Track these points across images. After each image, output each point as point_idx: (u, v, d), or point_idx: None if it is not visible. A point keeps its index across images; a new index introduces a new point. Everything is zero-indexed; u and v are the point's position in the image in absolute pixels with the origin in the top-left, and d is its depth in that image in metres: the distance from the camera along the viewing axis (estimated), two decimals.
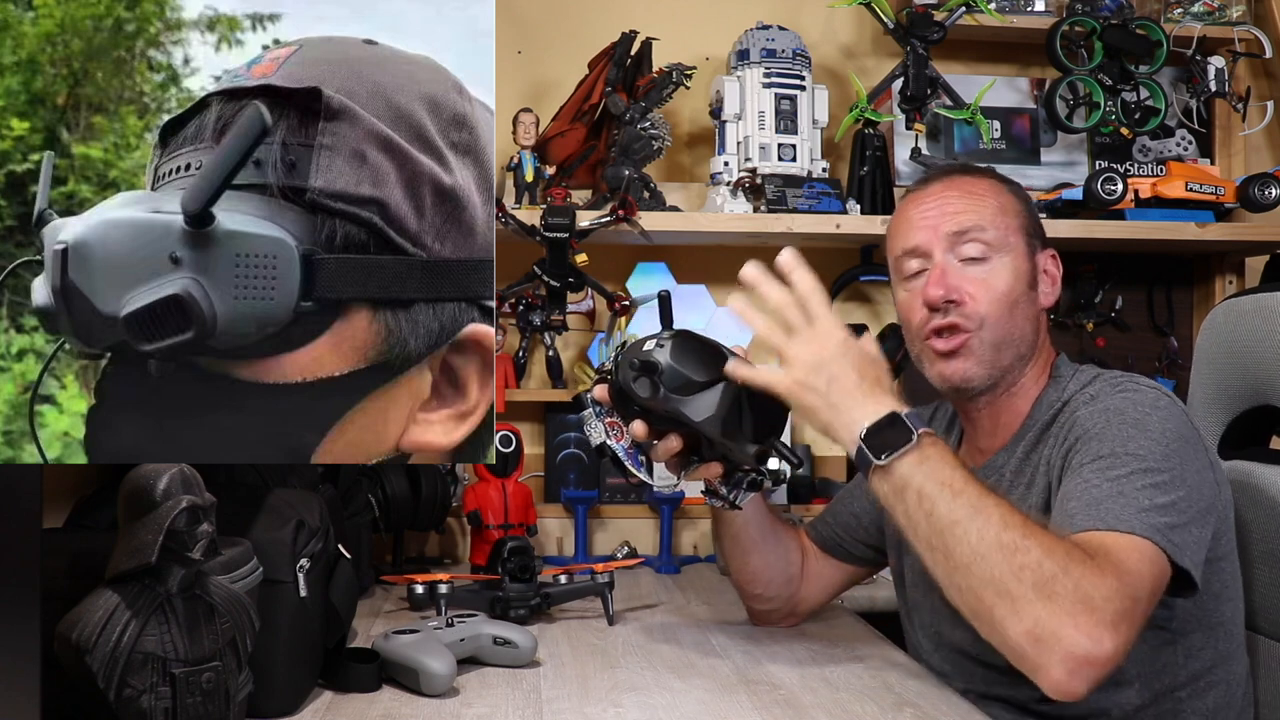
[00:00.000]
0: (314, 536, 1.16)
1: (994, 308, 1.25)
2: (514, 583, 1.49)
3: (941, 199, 1.29)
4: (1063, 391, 1.27)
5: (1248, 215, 2.09)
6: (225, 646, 0.95)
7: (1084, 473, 1.11)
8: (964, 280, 1.26)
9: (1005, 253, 1.27)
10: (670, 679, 1.24)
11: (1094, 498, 1.07)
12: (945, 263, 1.27)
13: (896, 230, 1.33)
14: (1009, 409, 1.30)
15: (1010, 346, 1.26)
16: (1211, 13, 2.10)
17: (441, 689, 1.16)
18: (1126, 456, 1.10)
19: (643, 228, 1.88)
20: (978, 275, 1.26)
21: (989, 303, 1.25)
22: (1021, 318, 1.27)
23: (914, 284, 1.30)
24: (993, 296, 1.25)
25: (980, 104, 2.01)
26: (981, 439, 1.33)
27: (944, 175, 1.34)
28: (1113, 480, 1.08)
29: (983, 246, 1.26)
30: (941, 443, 1.06)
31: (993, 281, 1.25)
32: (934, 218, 1.28)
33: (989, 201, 1.28)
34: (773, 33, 1.99)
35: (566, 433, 2.09)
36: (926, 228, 1.28)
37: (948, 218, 1.27)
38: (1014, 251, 1.27)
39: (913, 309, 1.29)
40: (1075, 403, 1.23)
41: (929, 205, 1.30)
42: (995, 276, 1.26)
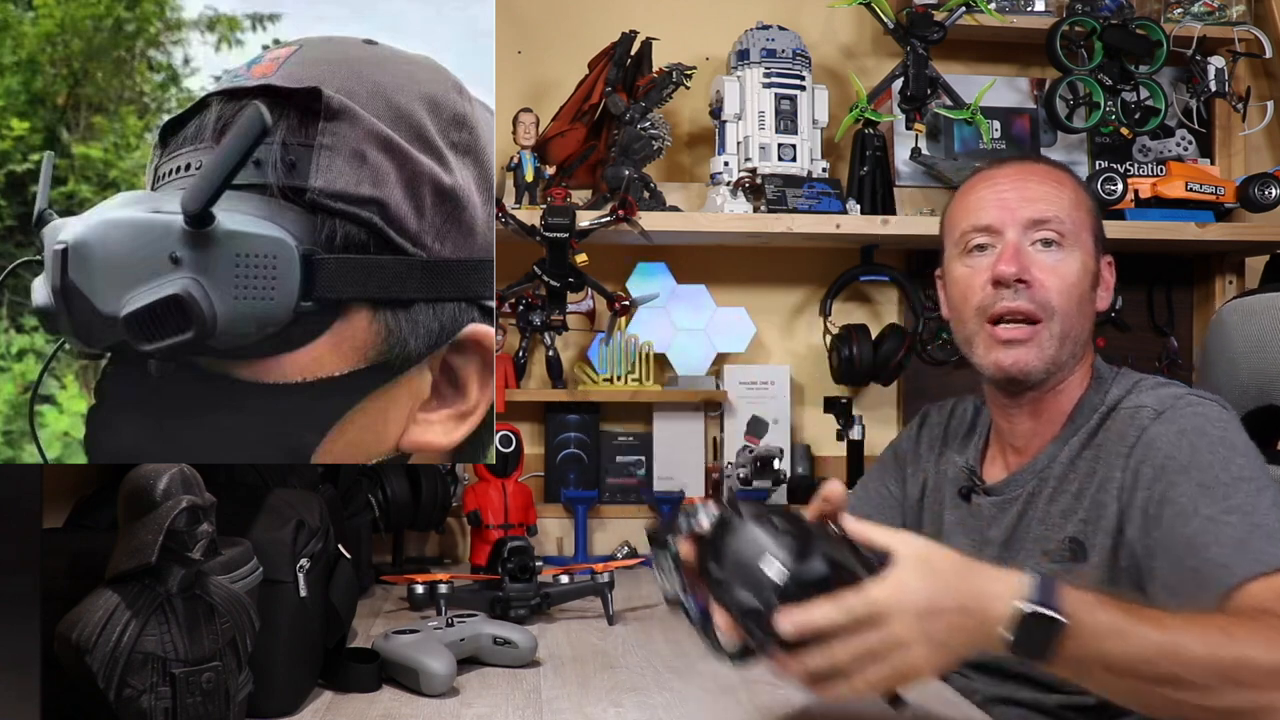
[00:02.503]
0: (314, 536, 1.16)
1: (1064, 298, 1.20)
2: (514, 583, 1.49)
3: (1020, 182, 1.24)
4: (1105, 395, 1.23)
5: (1248, 215, 2.09)
6: (225, 646, 0.95)
7: (1201, 508, 1.06)
8: (1035, 264, 1.20)
9: (1076, 247, 1.22)
10: (670, 679, 1.24)
11: (1234, 537, 1.03)
12: (1019, 243, 1.21)
13: (965, 206, 1.27)
14: (1052, 407, 1.25)
15: (1070, 342, 1.22)
16: (1211, 13, 2.10)
17: (441, 689, 1.17)
18: (1237, 482, 1.07)
19: (643, 228, 1.88)
20: (1049, 262, 1.21)
21: (1060, 292, 1.20)
22: (1084, 316, 1.23)
23: (978, 260, 1.24)
24: (1064, 285, 1.20)
25: (980, 104, 2.01)
26: (1018, 438, 1.28)
27: (1021, 159, 1.29)
28: (1239, 513, 1.05)
29: (1058, 235, 1.21)
30: (1080, 594, 0.91)
31: (1065, 270, 1.21)
32: (1011, 199, 1.23)
33: (1066, 194, 1.24)
34: (773, 33, 1.99)
35: (566, 433, 2.09)
36: (1002, 207, 1.23)
37: (1026, 202, 1.22)
38: (1083, 248, 1.23)
39: (972, 287, 1.23)
40: (1126, 413, 1.19)
41: (1005, 186, 1.24)
42: (1067, 266, 1.21)
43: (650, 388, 2.04)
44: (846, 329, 2.05)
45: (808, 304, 2.18)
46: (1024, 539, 1.23)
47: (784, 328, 2.19)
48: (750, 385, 2.12)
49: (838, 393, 2.13)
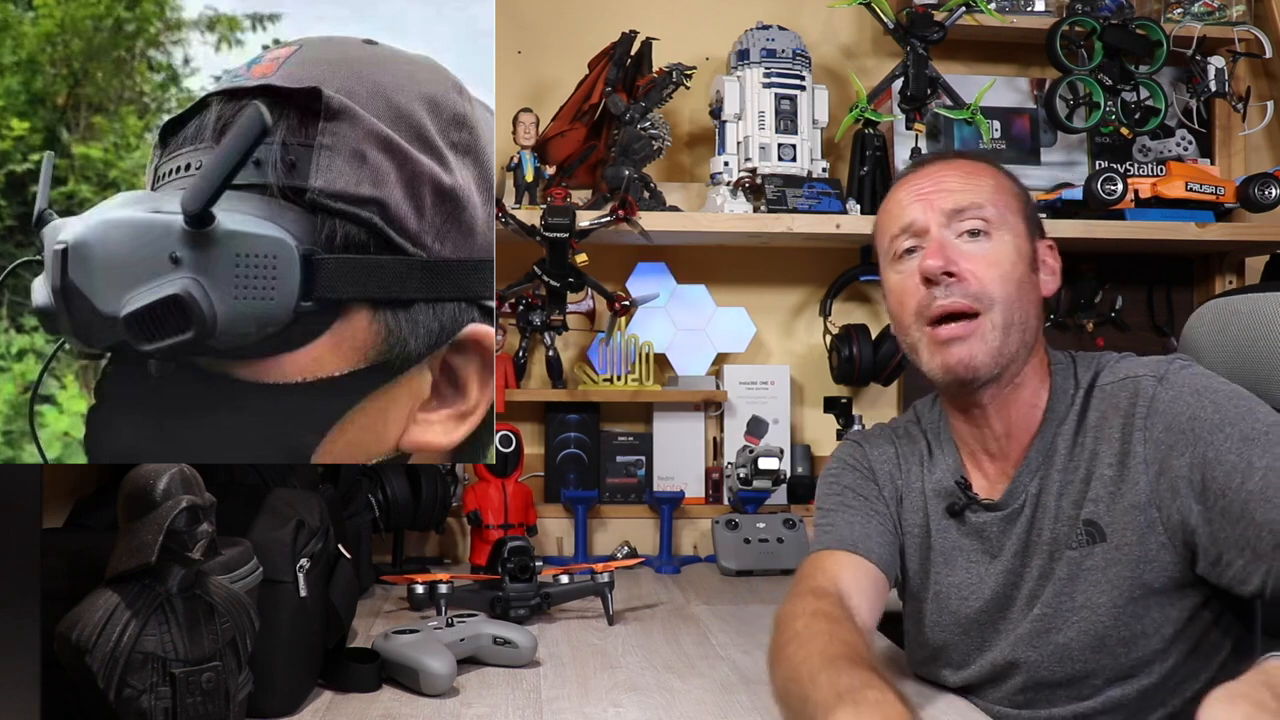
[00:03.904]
0: (314, 536, 1.16)
1: (1000, 286, 1.16)
2: (514, 583, 1.49)
3: (937, 177, 1.21)
4: (1074, 378, 1.21)
5: (1248, 215, 2.09)
6: (225, 646, 0.95)
7: (1254, 460, 1.04)
8: (962, 256, 1.17)
9: (1005, 230, 1.18)
10: (670, 679, 1.24)
11: None
12: (943, 237, 1.18)
13: (888, 212, 1.24)
14: (1018, 403, 1.20)
15: (1016, 331, 1.17)
16: (1211, 13, 2.10)
17: (441, 689, 1.17)
18: (1273, 429, 1.06)
19: (643, 228, 1.89)
20: (978, 252, 1.17)
21: (994, 280, 1.16)
22: (1027, 300, 1.18)
23: (907, 264, 1.20)
24: (998, 273, 1.16)
25: (980, 104, 2.01)
26: (991, 441, 1.22)
27: (938, 157, 1.27)
28: None
29: (982, 223, 1.18)
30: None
31: (995, 257, 1.17)
32: (929, 194, 1.20)
33: (986, 181, 1.21)
34: (773, 33, 1.99)
35: (566, 433, 2.09)
36: (921, 203, 1.20)
37: (944, 194, 1.19)
38: (1014, 231, 1.19)
39: (906, 291, 1.19)
40: (1115, 385, 1.17)
41: (923, 184, 1.21)
42: (997, 253, 1.17)
43: (650, 388, 2.04)
44: (846, 329, 2.05)
45: (808, 304, 2.18)
46: (1038, 543, 1.18)
47: (784, 328, 2.19)
48: (750, 385, 2.12)
49: (838, 393, 2.13)
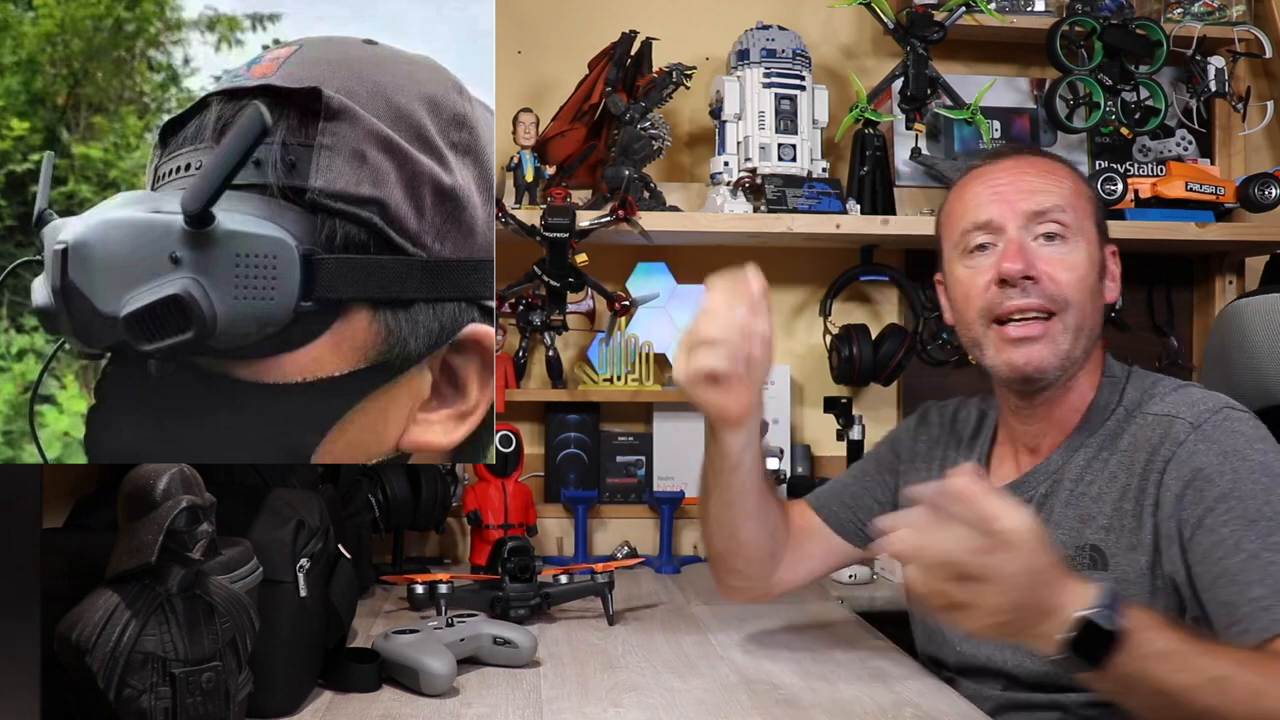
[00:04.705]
0: (314, 536, 1.16)
1: (1075, 290, 1.16)
2: (514, 583, 1.49)
3: (1017, 175, 1.21)
4: (1119, 394, 1.21)
5: (1248, 215, 2.09)
6: (225, 646, 0.95)
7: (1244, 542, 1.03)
8: (1040, 258, 1.16)
9: (1080, 237, 1.19)
10: (670, 679, 1.24)
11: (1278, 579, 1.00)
12: (1021, 239, 1.17)
13: (962, 204, 1.23)
14: (1063, 404, 1.21)
15: (1084, 336, 1.18)
16: (1211, 13, 2.10)
17: (441, 689, 1.17)
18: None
19: (643, 228, 1.88)
20: (1055, 255, 1.17)
21: (1071, 284, 1.16)
22: (1095, 308, 1.19)
23: (979, 260, 1.20)
24: (1075, 277, 1.17)
25: (980, 104, 2.01)
26: (1029, 437, 1.25)
27: (1016, 152, 1.26)
28: None
29: (1060, 227, 1.18)
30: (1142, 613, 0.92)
31: (1072, 261, 1.17)
32: (1009, 193, 1.19)
33: (1066, 183, 1.21)
34: (773, 33, 1.99)
35: (566, 433, 2.09)
36: (1001, 202, 1.19)
37: (1025, 195, 1.19)
38: (1087, 238, 1.19)
39: (975, 287, 1.19)
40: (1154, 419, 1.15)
41: (1002, 180, 1.21)
42: (1074, 258, 1.17)
43: (650, 388, 2.04)
44: (846, 329, 2.05)
45: (808, 304, 2.18)
46: None
47: (784, 328, 2.19)
48: None
49: (838, 393, 2.13)
